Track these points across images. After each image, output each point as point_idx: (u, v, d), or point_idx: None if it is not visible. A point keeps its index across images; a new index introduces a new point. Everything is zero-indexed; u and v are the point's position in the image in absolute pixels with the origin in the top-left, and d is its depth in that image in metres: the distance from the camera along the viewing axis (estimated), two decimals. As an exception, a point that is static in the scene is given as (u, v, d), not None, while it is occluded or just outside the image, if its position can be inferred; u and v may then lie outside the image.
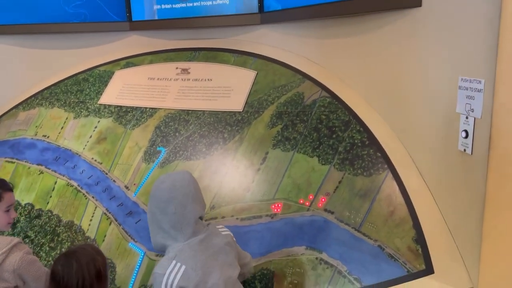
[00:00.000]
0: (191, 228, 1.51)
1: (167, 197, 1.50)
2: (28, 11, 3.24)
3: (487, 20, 1.38)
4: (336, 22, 2.34)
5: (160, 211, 1.51)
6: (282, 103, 2.43)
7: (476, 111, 1.44)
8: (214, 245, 1.54)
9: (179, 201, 1.50)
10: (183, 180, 1.55)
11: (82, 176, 2.63)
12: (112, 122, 2.82)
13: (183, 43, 3.16)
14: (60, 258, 1.43)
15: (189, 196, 1.52)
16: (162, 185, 1.54)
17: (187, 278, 1.41)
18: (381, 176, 1.92)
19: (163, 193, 1.52)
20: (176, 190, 1.51)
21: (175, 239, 1.50)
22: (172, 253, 1.48)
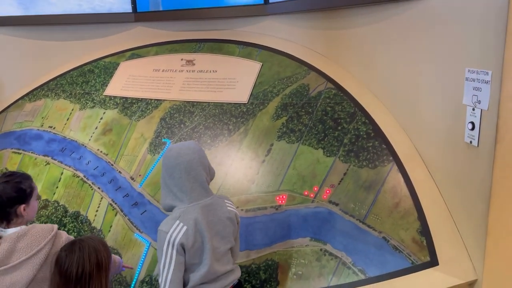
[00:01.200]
0: (196, 191, 1.65)
1: (173, 163, 1.66)
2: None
3: (495, 12, 1.36)
4: (342, 13, 2.32)
5: (169, 176, 1.67)
6: (287, 95, 2.42)
7: (483, 103, 1.43)
8: (214, 215, 1.67)
9: (184, 167, 1.64)
10: (188, 149, 1.69)
11: (88, 167, 2.65)
12: (117, 114, 2.83)
13: (188, 34, 3.15)
14: (66, 244, 1.49)
15: (193, 163, 1.66)
16: (169, 153, 1.70)
17: (187, 237, 1.57)
18: (386, 168, 1.92)
19: (170, 160, 1.67)
20: (181, 157, 1.66)
21: (182, 201, 1.65)
22: (176, 213, 1.63)
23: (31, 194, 1.72)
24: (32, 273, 1.57)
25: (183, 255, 1.58)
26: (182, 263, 1.58)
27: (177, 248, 1.55)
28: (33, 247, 1.60)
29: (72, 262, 1.41)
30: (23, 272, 1.57)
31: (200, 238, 1.61)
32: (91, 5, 3.23)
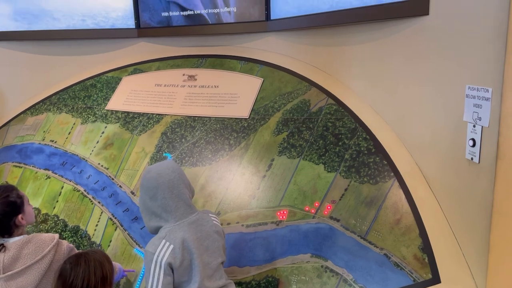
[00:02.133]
0: (181, 209, 1.66)
1: (154, 185, 1.66)
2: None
3: (495, 29, 1.38)
4: (342, 29, 2.35)
5: (150, 198, 1.67)
6: (288, 110, 2.43)
7: (483, 120, 1.43)
8: (202, 230, 1.67)
9: (166, 186, 1.65)
10: (167, 168, 1.70)
11: (89, 181, 2.64)
12: (119, 128, 2.84)
13: (190, 50, 3.18)
14: (70, 257, 1.51)
15: (174, 181, 1.67)
16: (149, 174, 1.70)
17: (174, 256, 1.57)
18: (387, 184, 1.91)
19: (151, 182, 1.67)
20: (162, 177, 1.66)
21: (167, 221, 1.66)
22: (162, 233, 1.63)
23: (23, 202, 1.79)
24: (37, 278, 1.63)
25: (171, 275, 1.58)
26: (170, 283, 1.58)
27: (164, 268, 1.55)
28: (38, 253, 1.65)
29: (77, 275, 1.42)
30: (29, 278, 1.64)
31: (188, 256, 1.60)
32: (95, 20, 3.27)
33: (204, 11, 3.02)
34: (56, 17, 3.27)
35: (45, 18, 3.27)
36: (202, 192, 2.30)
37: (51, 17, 3.27)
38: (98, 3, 3.23)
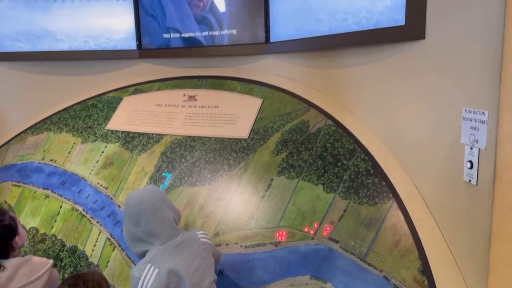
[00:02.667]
0: (166, 233, 1.67)
1: (137, 211, 1.67)
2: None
3: (489, 54, 1.41)
4: (340, 52, 2.39)
5: (134, 224, 1.68)
6: (287, 131, 2.45)
7: (480, 142, 1.45)
8: (190, 251, 1.67)
9: (149, 211, 1.66)
10: (149, 193, 1.72)
11: (88, 200, 2.64)
12: (119, 147, 2.85)
13: (190, 71, 3.22)
14: (69, 278, 1.53)
15: (157, 205, 1.68)
16: (131, 201, 1.71)
17: (159, 281, 1.55)
18: (386, 205, 1.92)
19: (133, 208, 1.68)
20: (144, 202, 1.68)
21: (153, 244, 1.66)
22: (148, 257, 1.64)
23: (16, 224, 1.81)
24: None
25: None
26: None
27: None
28: (33, 274, 1.67)
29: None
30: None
31: (175, 278, 1.59)
32: (97, 42, 3.32)
33: (204, 34, 3.07)
34: (60, 38, 3.32)
35: (48, 39, 3.33)
36: (201, 212, 2.30)
37: (54, 38, 3.32)
38: (101, 25, 3.29)
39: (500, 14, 1.34)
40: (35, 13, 3.30)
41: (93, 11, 3.28)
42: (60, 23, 3.30)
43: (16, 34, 3.33)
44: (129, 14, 3.26)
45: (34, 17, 3.31)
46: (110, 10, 3.27)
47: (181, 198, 2.41)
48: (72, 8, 3.28)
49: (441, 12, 1.66)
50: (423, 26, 1.74)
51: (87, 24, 3.30)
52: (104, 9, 3.27)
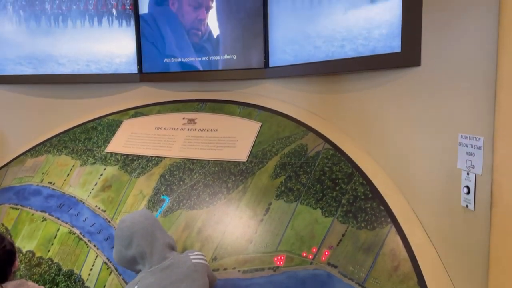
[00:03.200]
0: (156, 256, 1.70)
1: (128, 233, 1.71)
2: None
3: (484, 80, 1.44)
4: (337, 78, 2.43)
5: (125, 247, 1.72)
6: (285, 154, 2.46)
7: (476, 168, 1.46)
8: (178, 273, 1.68)
9: (140, 234, 1.70)
10: (140, 216, 1.77)
11: (85, 223, 2.63)
12: (117, 170, 2.86)
13: (191, 94, 3.26)
14: None
15: (148, 229, 1.72)
16: (123, 224, 1.76)
17: None
18: (385, 230, 1.91)
19: (125, 231, 1.72)
20: (135, 225, 1.72)
21: (144, 265, 1.71)
22: (137, 278, 1.67)
23: (15, 249, 1.85)
24: None
25: None
26: None
27: None
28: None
29: None
30: None
31: None
32: (99, 65, 3.37)
33: (203, 59, 3.12)
34: (62, 62, 3.37)
35: (50, 63, 3.38)
36: (199, 236, 2.29)
37: (57, 62, 3.38)
38: (103, 50, 3.35)
39: (494, 41, 1.37)
40: (38, 38, 3.36)
41: (95, 37, 3.34)
42: (63, 48, 3.36)
43: (19, 58, 3.38)
44: (131, 40, 3.32)
45: (37, 41, 3.36)
46: (112, 36, 3.34)
47: (179, 222, 2.40)
48: (75, 33, 3.34)
49: (436, 40, 1.70)
50: (418, 53, 1.78)
51: (89, 49, 3.36)
52: (106, 35, 3.34)
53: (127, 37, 3.33)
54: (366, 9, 2.06)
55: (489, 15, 1.39)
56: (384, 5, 1.94)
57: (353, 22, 2.14)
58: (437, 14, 1.67)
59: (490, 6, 1.38)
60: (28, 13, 3.34)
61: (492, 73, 1.40)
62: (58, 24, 3.34)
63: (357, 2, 2.11)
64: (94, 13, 3.31)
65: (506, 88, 1.35)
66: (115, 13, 3.31)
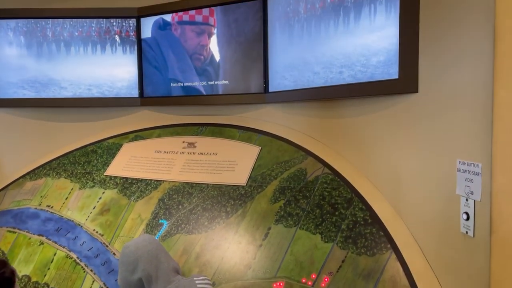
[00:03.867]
0: (160, 279, 1.70)
1: (133, 259, 1.72)
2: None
3: (481, 106, 1.45)
4: (336, 103, 2.45)
5: (131, 273, 1.72)
6: (285, 179, 2.47)
7: (475, 194, 1.46)
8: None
9: (145, 258, 1.72)
10: (144, 241, 1.78)
11: (82, 248, 2.60)
12: (116, 194, 2.85)
13: (191, 118, 3.28)
14: None
15: (152, 252, 1.74)
16: (127, 249, 1.77)
17: None
18: (385, 256, 1.90)
19: (130, 256, 1.74)
20: (140, 250, 1.74)
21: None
22: None
23: (15, 278, 1.82)
24: None
25: None
26: None
27: None
28: None
29: None
30: None
31: None
32: (100, 89, 3.40)
33: (204, 84, 3.16)
34: (64, 86, 3.41)
35: (52, 87, 3.41)
36: (197, 261, 2.26)
37: (59, 86, 3.41)
38: (105, 74, 3.39)
39: (490, 68, 1.40)
40: (40, 63, 3.41)
41: (98, 62, 3.39)
42: (65, 72, 3.41)
43: (22, 81, 3.42)
44: (133, 65, 3.37)
45: (39, 66, 3.41)
46: (114, 62, 3.39)
47: (177, 246, 2.38)
48: (78, 59, 3.40)
49: (433, 67, 1.73)
50: (415, 80, 1.81)
51: (91, 73, 3.40)
52: (109, 60, 3.39)
53: (130, 62, 3.38)
54: (364, 37, 2.10)
55: (485, 42, 1.42)
56: (381, 33, 1.98)
57: (351, 49, 2.18)
58: (434, 42, 1.71)
59: (486, 33, 1.41)
60: (30, 39, 3.39)
61: (489, 100, 1.42)
62: (60, 50, 3.39)
63: (355, 30, 2.15)
64: (97, 39, 3.37)
65: (503, 115, 1.36)
66: (118, 40, 3.37)
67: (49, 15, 3.35)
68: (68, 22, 3.37)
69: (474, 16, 1.49)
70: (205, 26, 3.12)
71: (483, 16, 1.44)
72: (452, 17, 1.60)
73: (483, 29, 1.43)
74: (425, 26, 1.76)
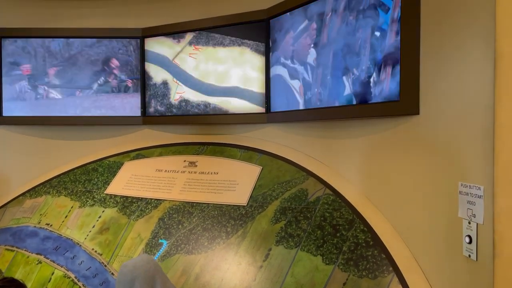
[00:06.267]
0: None
1: (130, 278, 1.73)
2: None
3: (482, 129, 1.46)
4: (337, 124, 2.46)
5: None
6: (286, 199, 2.45)
7: (478, 217, 1.45)
8: None
9: (142, 278, 1.73)
10: (142, 261, 1.80)
11: (81, 267, 2.57)
12: (116, 212, 2.84)
13: (192, 137, 3.29)
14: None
15: (150, 272, 1.76)
16: (125, 269, 1.78)
17: None
18: (387, 279, 1.87)
19: (127, 276, 1.75)
20: (137, 269, 1.75)
21: None
22: None
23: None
24: None
25: None
26: None
27: None
28: None
29: None
30: None
31: None
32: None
33: (204, 101, 3.18)
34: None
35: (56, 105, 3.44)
36: (197, 283, 2.23)
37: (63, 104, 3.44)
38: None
39: (491, 90, 1.40)
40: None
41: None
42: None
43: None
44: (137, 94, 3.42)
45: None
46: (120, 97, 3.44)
47: (176, 267, 2.35)
48: (83, 96, 3.43)
49: (434, 89, 1.74)
50: (416, 102, 1.82)
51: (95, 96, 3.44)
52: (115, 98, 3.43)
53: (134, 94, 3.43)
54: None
55: (486, 64, 1.43)
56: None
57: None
58: (435, 64, 1.73)
59: (487, 55, 1.43)
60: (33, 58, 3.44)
61: (490, 122, 1.42)
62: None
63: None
64: (104, 87, 3.42)
65: (505, 137, 1.36)
66: (126, 84, 3.43)
67: (55, 34, 3.40)
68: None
69: (475, 40, 1.51)
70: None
71: (483, 40, 1.45)
72: (453, 41, 1.62)
73: (484, 53, 1.45)
74: (426, 49, 1.78)
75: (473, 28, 1.51)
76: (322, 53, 2.40)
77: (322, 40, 2.40)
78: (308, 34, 2.50)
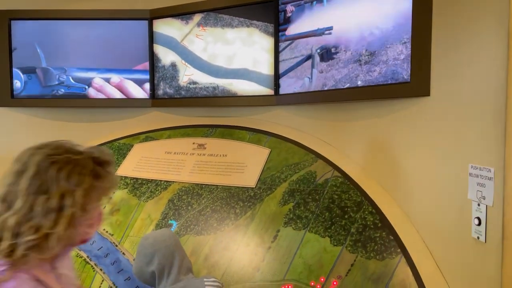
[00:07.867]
0: (172, 276, 1.75)
1: (151, 251, 1.78)
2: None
3: (494, 111, 1.44)
4: (347, 105, 2.44)
5: (146, 264, 1.78)
6: (294, 181, 2.46)
7: (487, 199, 1.45)
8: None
9: (162, 253, 1.76)
10: (163, 235, 1.83)
11: (92, 247, 2.62)
12: (126, 194, 2.87)
13: (201, 120, 3.30)
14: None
15: (170, 248, 1.78)
16: (146, 241, 1.82)
17: None
18: (395, 261, 1.88)
19: (148, 248, 1.79)
20: (159, 243, 1.78)
21: (159, 284, 1.77)
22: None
23: None
24: None
25: None
26: None
27: None
28: None
29: None
30: None
31: None
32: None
33: (213, 85, 3.17)
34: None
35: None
36: (206, 263, 2.27)
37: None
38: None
39: (503, 71, 1.38)
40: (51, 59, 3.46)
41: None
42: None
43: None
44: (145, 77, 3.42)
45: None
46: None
47: (186, 247, 2.39)
48: None
49: (445, 70, 1.71)
50: (428, 83, 1.80)
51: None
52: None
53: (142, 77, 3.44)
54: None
55: (498, 45, 1.41)
56: (393, 36, 1.97)
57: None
58: (446, 45, 1.70)
59: (500, 37, 1.40)
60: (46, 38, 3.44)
61: (502, 104, 1.40)
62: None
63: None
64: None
65: (517, 120, 1.35)
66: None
67: (62, 16, 3.40)
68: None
69: (487, 20, 1.48)
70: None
71: (496, 20, 1.42)
72: (465, 21, 1.59)
73: (497, 33, 1.42)
74: (438, 30, 1.75)
75: (486, 8, 1.48)
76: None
77: (332, 21, 2.36)
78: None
